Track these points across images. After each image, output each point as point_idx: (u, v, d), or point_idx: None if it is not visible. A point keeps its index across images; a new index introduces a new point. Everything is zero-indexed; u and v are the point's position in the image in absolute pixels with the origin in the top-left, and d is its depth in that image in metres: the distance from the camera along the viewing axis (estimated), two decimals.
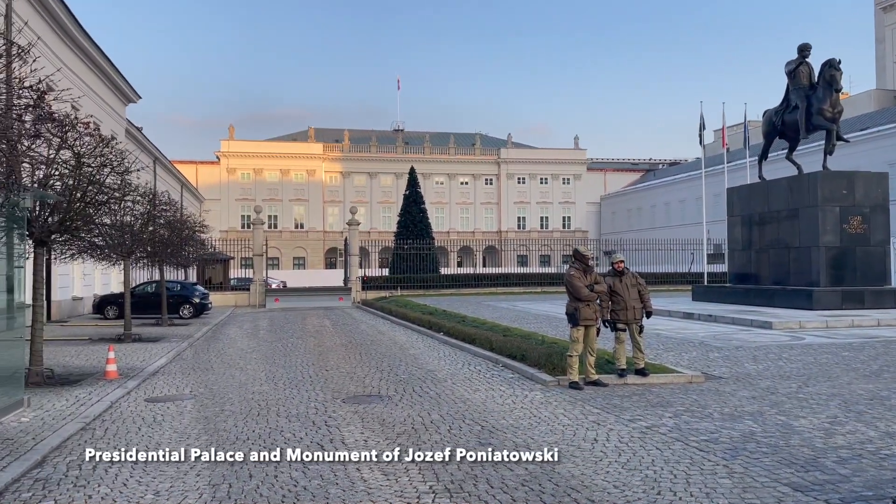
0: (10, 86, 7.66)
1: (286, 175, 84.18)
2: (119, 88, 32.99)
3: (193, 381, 11.70)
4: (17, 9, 20.55)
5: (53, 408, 9.28)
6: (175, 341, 18.03)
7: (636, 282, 10.89)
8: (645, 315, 10.92)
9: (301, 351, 15.87)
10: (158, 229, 20.39)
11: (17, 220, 10.17)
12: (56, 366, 12.83)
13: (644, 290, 10.94)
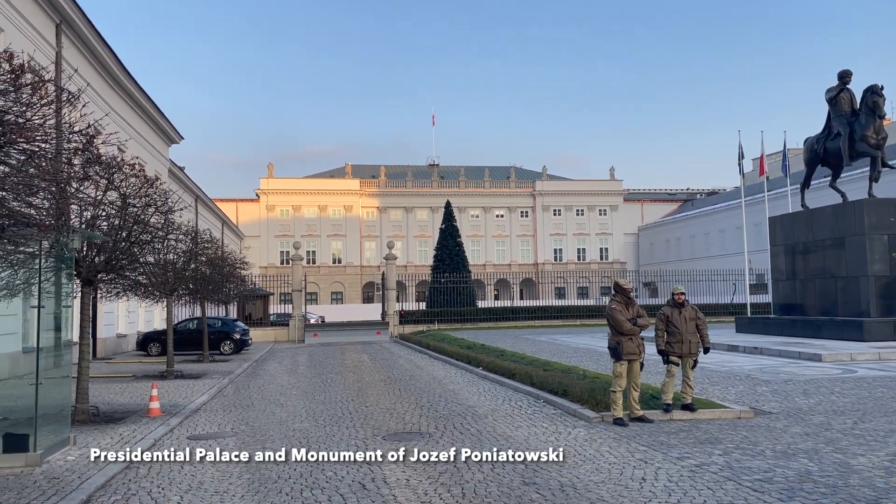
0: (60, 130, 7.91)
1: (324, 211, 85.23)
2: (162, 130, 33.93)
3: (235, 419, 11.73)
4: (66, 56, 21.35)
5: (99, 446, 9.36)
6: (216, 378, 18.18)
7: (695, 315, 10.67)
8: (702, 350, 10.68)
9: (340, 387, 15.85)
10: (200, 267, 20.73)
11: (66, 261, 10.43)
12: (101, 403, 13.01)
13: (703, 324, 10.69)
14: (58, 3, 20.19)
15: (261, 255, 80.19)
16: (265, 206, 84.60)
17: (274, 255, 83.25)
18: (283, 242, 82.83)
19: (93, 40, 22.99)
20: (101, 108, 23.28)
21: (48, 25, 20.43)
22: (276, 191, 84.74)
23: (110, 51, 24.44)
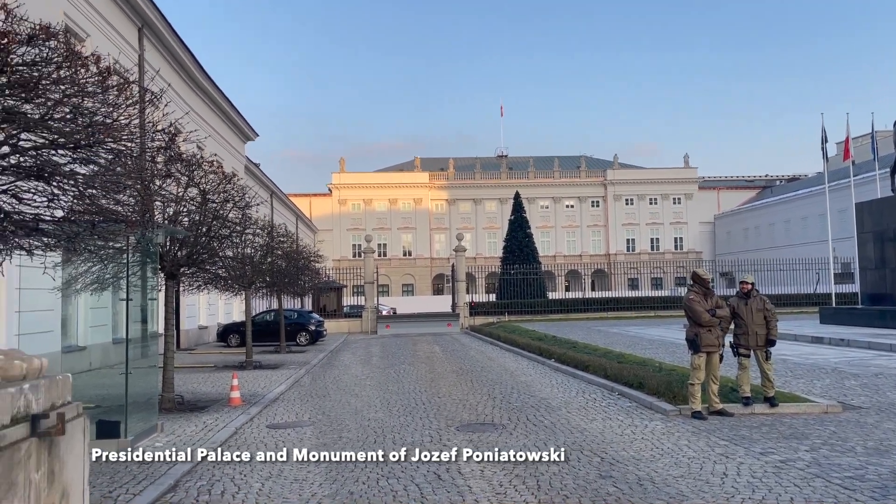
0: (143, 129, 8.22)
1: (394, 204, 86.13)
2: (238, 128, 34.92)
3: (312, 408, 12.00)
4: (148, 58, 22.21)
5: (184, 433, 9.73)
6: (293, 368, 18.63)
7: (763, 306, 10.28)
8: (768, 343, 10.27)
9: (413, 377, 16.00)
10: (276, 260, 21.26)
11: (151, 255, 10.87)
12: (185, 392, 13.52)
13: (771, 315, 10.30)
14: (140, 8, 21.01)
15: (333, 249, 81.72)
16: (337, 201, 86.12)
17: (346, 248, 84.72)
18: (354, 236, 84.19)
19: (173, 43, 23.83)
20: (181, 108, 24.12)
21: (131, 30, 21.29)
22: (347, 185, 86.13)
23: (189, 52, 25.28)
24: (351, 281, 45.04)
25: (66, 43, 5.58)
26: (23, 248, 6.56)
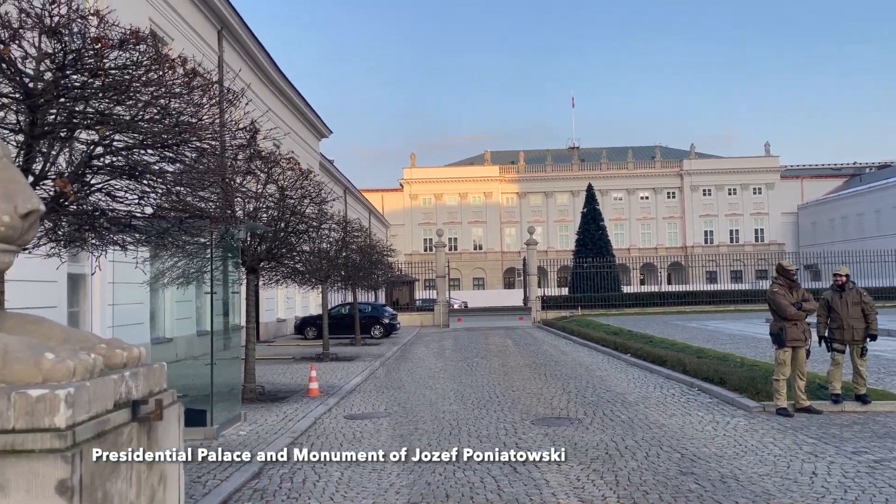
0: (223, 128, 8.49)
1: (465, 198, 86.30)
2: (313, 125, 35.66)
3: (387, 400, 12.17)
4: (227, 60, 22.93)
5: (266, 422, 10.03)
6: (368, 360, 18.94)
7: (860, 299, 9.80)
8: (868, 338, 9.79)
9: (486, 370, 16.02)
10: (351, 255, 21.64)
11: (233, 250, 11.24)
12: (266, 383, 13.92)
13: (869, 308, 9.80)
14: (219, 11, 21.70)
15: (405, 243, 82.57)
16: (408, 195, 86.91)
17: (418, 243, 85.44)
18: (425, 230, 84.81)
19: (250, 44, 24.52)
20: (259, 107, 24.82)
21: (211, 32, 22.02)
22: (418, 180, 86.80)
23: (266, 53, 25.96)
24: (422, 275, 45.41)
25: (154, 46, 5.81)
26: (117, 243, 6.89)
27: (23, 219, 2.78)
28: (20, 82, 5.54)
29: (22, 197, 2.79)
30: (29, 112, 5.57)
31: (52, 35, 5.53)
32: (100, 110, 5.97)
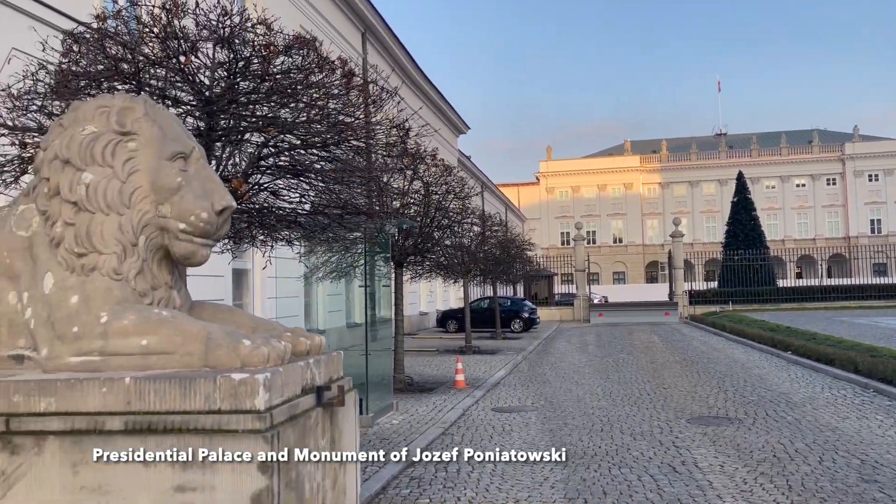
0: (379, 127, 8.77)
1: (603, 190, 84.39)
2: (452, 122, 36.18)
3: (533, 394, 12.11)
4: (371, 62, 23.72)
5: (417, 412, 10.28)
6: (510, 354, 18.96)
7: None
8: None
9: (633, 367, 15.57)
10: (491, 249, 21.76)
11: (383, 245, 11.61)
12: (413, 374, 14.28)
13: None
14: (363, 14, 22.49)
15: (542, 237, 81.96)
16: (545, 189, 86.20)
17: (555, 237, 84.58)
18: (563, 223, 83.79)
19: (392, 45, 25.24)
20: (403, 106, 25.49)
21: (355, 35, 22.87)
22: (554, 173, 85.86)
23: (407, 53, 26.62)
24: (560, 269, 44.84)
25: (316, 51, 6.08)
26: (283, 239, 7.31)
27: (218, 215, 2.99)
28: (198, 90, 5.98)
29: (217, 195, 2.99)
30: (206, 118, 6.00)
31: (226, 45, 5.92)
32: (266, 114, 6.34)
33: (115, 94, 3.11)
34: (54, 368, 2.75)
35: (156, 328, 2.74)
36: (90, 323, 2.75)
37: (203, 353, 2.72)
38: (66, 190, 2.86)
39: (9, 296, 2.89)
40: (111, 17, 6.07)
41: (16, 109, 6.14)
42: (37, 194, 2.96)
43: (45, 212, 2.90)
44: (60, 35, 6.24)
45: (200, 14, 5.88)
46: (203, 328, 2.77)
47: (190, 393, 2.51)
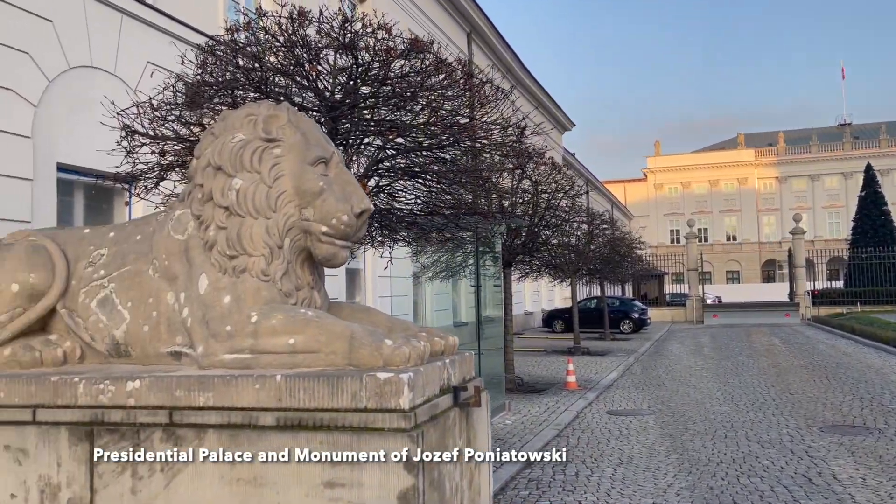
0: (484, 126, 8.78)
1: (715, 186, 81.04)
2: (556, 119, 35.79)
3: (648, 397, 11.78)
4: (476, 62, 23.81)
5: (529, 413, 10.21)
6: (621, 356, 18.54)
7: None
8: None
9: (754, 370, 14.84)
10: (599, 247, 21.34)
11: (493, 245, 11.61)
12: (523, 374, 14.21)
13: None
14: (469, 16, 22.60)
15: (650, 235, 79.58)
16: (653, 185, 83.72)
17: (663, 234, 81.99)
18: (672, 221, 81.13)
19: (498, 45, 25.23)
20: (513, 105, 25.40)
21: (461, 36, 23.01)
22: (663, 168, 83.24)
23: (512, 52, 26.54)
24: (670, 268, 43.43)
25: (435, 53, 6.13)
26: (401, 239, 7.43)
27: (357, 217, 3.06)
28: (322, 96, 6.17)
29: (356, 198, 3.07)
30: (330, 122, 6.18)
31: (347, 51, 6.07)
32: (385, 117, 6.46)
33: (261, 103, 3.24)
34: (209, 365, 2.90)
35: (302, 327, 2.84)
36: (241, 322, 2.88)
37: (347, 352, 2.79)
38: (219, 195, 3.01)
39: (167, 296, 3.08)
40: (241, 29, 6.36)
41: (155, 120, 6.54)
42: (191, 200, 3.14)
43: (199, 216, 3.06)
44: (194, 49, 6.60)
45: (323, 22, 6.06)
46: (346, 328, 2.84)
47: (337, 391, 2.58)
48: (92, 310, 3.19)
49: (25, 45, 7.95)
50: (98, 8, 8.95)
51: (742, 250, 79.50)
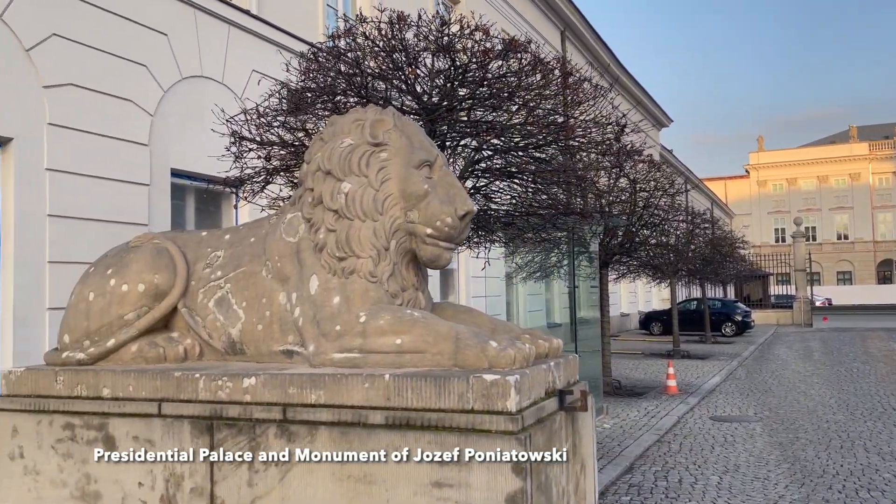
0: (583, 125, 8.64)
1: (824, 182, 76.79)
2: (653, 116, 34.86)
3: (754, 403, 11.28)
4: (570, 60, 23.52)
5: (628, 417, 9.98)
6: (723, 359, 17.85)
7: None
8: None
9: (871, 378, 13.96)
10: (699, 247, 20.61)
11: (589, 245, 11.43)
12: (620, 377, 13.90)
13: None
14: (563, 13, 22.35)
15: (752, 234, 76.25)
16: (755, 182, 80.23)
17: (767, 233, 78.42)
18: (776, 219, 77.51)
19: (592, 42, 24.83)
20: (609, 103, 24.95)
21: (554, 34, 22.78)
22: (766, 164, 79.63)
23: (607, 49, 26.07)
24: (774, 269, 41.46)
25: (533, 53, 6.09)
26: (498, 240, 7.43)
27: (461, 219, 3.08)
28: (420, 99, 6.24)
29: (460, 200, 3.09)
30: (428, 125, 6.24)
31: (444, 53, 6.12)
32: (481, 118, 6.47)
33: (368, 108, 3.31)
34: (320, 363, 2.98)
35: (409, 328, 2.88)
36: (350, 322, 2.95)
37: (453, 353, 2.81)
38: (328, 199, 3.09)
39: (280, 296, 3.19)
40: (342, 35, 6.53)
41: (261, 126, 6.80)
42: (302, 203, 3.24)
43: (309, 219, 3.16)
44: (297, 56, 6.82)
45: (421, 25, 6.13)
46: (452, 328, 2.87)
47: (444, 392, 2.60)
48: (210, 309, 3.35)
49: (143, 59, 8.45)
50: (208, 20, 9.41)
51: (855, 249, 74.94)
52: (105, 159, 7.88)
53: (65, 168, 7.48)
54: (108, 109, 7.95)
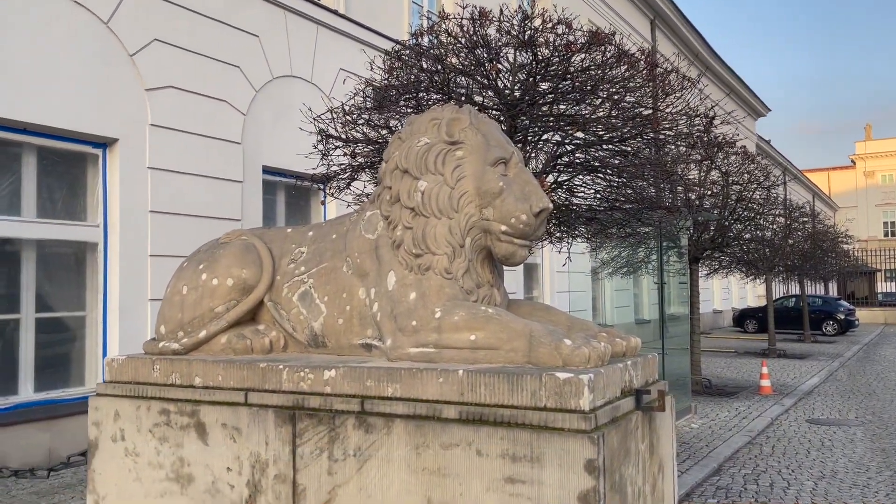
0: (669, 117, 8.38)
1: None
2: (749, 105, 33.45)
3: (856, 406, 10.71)
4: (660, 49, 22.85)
5: (718, 417, 9.68)
6: (823, 360, 17.02)
7: None
8: None
9: None
10: (798, 242, 19.68)
11: (678, 240, 11.12)
12: (711, 376, 13.48)
13: None
14: (652, 1, 21.76)
15: (858, 228, 72.05)
16: (862, 173, 75.69)
17: (875, 227, 73.87)
18: (885, 212, 72.93)
19: (684, 30, 24.06)
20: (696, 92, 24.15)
21: (644, 23, 22.21)
22: (875, 154, 74.99)
23: (700, 37, 25.20)
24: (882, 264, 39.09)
25: (617, 45, 5.98)
26: (581, 235, 7.34)
27: (536, 217, 3.07)
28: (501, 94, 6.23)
29: (535, 197, 3.08)
30: (509, 120, 6.23)
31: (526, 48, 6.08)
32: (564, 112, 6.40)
33: (445, 107, 3.34)
34: (397, 357, 3.05)
35: (483, 324, 2.90)
36: (426, 317, 3.00)
37: (526, 350, 2.82)
38: (405, 197, 3.15)
39: (359, 291, 3.28)
40: (425, 32, 6.60)
41: (347, 124, 6.97)
42: (380, 201, 3.31)
43: (387, 216, 3.23)
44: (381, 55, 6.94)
45: (503, 21, 6.12)
46: (526, 326, 2.87)
47: (517, 388, 2.61)
48: (294, 303, 3.48)
49: (237, 60, 8.80)
50: (297, 21, 9.70)
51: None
52: (201, 158, 8.28)
53: (165, 166, 7.91)
54: (203, 110, 8.35)
